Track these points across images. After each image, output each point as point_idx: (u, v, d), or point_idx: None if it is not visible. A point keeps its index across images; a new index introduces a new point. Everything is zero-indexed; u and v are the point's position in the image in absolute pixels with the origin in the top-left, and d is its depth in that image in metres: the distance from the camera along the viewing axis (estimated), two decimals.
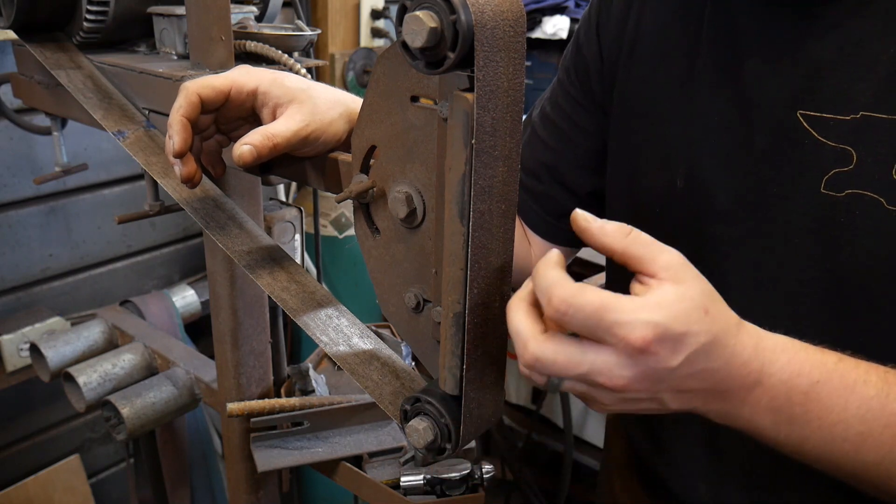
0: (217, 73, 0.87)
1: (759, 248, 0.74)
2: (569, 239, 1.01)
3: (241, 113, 0.73)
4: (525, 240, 1.01)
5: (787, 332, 0.73)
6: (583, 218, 0.54)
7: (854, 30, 0.67)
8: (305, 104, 0.69)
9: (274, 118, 0.70)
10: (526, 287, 0.55)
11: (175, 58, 0.99)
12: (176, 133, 0.67)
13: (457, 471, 0.97)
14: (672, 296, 0.51)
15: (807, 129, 0.69)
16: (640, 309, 0.50)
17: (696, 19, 0.79)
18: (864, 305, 0.69)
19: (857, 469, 0.58)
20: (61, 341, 1.28)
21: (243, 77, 0.70)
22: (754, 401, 0.56)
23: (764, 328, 0.75)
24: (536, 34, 2.74)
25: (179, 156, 0.68)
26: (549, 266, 0.53)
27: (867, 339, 0.69)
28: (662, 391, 0.54)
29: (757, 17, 0.74)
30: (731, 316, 0.55)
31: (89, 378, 1.17)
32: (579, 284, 0.51)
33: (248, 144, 0.66)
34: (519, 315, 0.54)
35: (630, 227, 0.53)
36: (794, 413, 0.56)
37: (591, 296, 0.50)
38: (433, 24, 0.49)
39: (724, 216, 0.76)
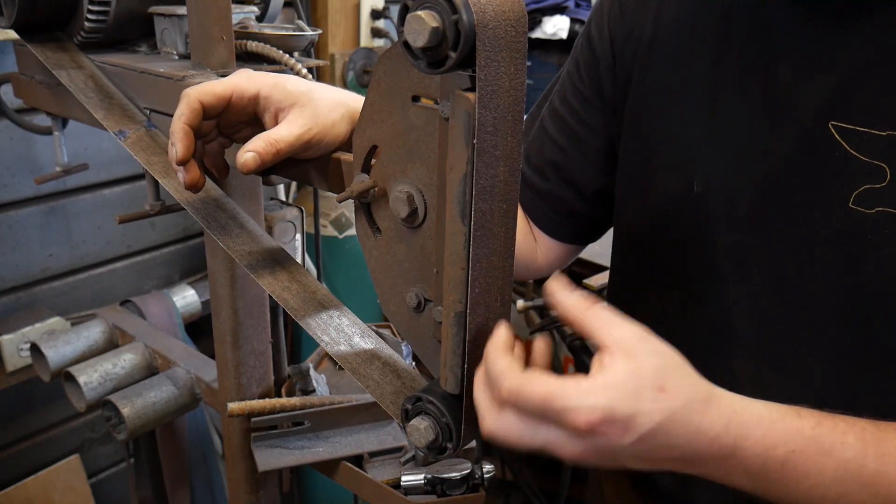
0: (218, 73, 0.88)
1: (778, 257, 0.72)
2: (574, 236, 1.00)
3: (243, 117, 0.73)
4: (531, 237, 1.00)
5: (802, 346, 0.72)
6: (553, 284, 0.55)
7: (895, 40, 0.64)
8: (307, 108, 0.69)
9: (276, 122, 0.70)
10: (485, 360, 0.57)
11: (176, 58, 0.99)
12: (178, 140, 0.67)
13: (457, 470, 0.97)
14: (622, 375, 0.51)
15: (838, 141, 0.67)
16: (587, 393, 0.50)
17: (721, 17, 0.76)
18: (885, 324, 0.67)
19: None
20: (61, 341, 1.28)
21: (244, 82, 0.70)
22: (729, 468, 0.56)
23: (774, 341, 0.74)
24: (536, 34, 2.74)
25: (182, 163, 0.68)
26: (499, 353, 0.54)
27: (886, 358, 0.68)
28: (623, 460, 0.54)
29: (792, 20, 0.70)
30: (698, 390, 0.54)
31: (90, 378, 1.17)
32: (527, 374, 0.53)
33: (251, 152, 0.66)
34: (479, 388, 0.56)
35: (594, 300, 0.54)
36: (770, 478, 0.57)
37: (538, 386, 0.51)
38: (435, 24, 0.49)
39: (743, 223, 0.74)
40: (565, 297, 0.55)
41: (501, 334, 0.56)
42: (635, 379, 0.51)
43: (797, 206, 0.70)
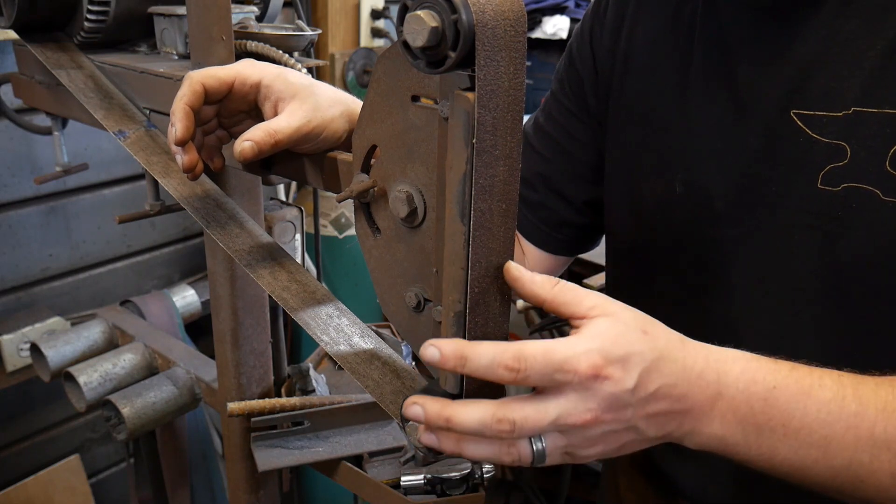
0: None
1: (760, 246, 0.75)
2: (564, 248, 1.01)
3: (244, 106, 0.73)
4: (519, 250, 1.01)
5: (791, 334, 0.75)
6: (515, 269, 0.57)
7: (839, 29, 0.69)
8: (308, 100, 0.70)
9: (276, 113, 0.70)
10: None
11: (176, 58, 0.99)
12: (178, 120, 0.67)
13: (457, 470, 0.97)
14: (605, 325, 0.55)
15: (800, 128, 0.70)
16: (579, 342, 0.54)
17: (687, 29, 0.80)
18: (863, 297, 0.69)
19: (828, 477, 0.58)
20: (61, 341, 1.28)
21: (248, 69, 0.70)
22: (720, 414, 0.57)
23: (766, 325, 0.76)
24: (536, 34, 2.74)
25: (181, 143, 0.68)
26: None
27: (868, 331, 0.70)
28: (633, 418, 0.56)
29: (746, 23, 0.75)
30: (673, 334, 0.58)
31: (90, 378, 1.17)
32: (520, 341, 0.55)
33: (249, 141, 0.66)
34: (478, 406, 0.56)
35: (557, 279, 0.57)
36: (758, 422, 0.57)
37: (534, 346, 0.53)
38: (434, 24, 0.49)
39: (724, 218, 0.77)
40: (531, 281, 0.57)
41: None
42: (618, 326, 0.55)
43: (770, 195, 0.73)
